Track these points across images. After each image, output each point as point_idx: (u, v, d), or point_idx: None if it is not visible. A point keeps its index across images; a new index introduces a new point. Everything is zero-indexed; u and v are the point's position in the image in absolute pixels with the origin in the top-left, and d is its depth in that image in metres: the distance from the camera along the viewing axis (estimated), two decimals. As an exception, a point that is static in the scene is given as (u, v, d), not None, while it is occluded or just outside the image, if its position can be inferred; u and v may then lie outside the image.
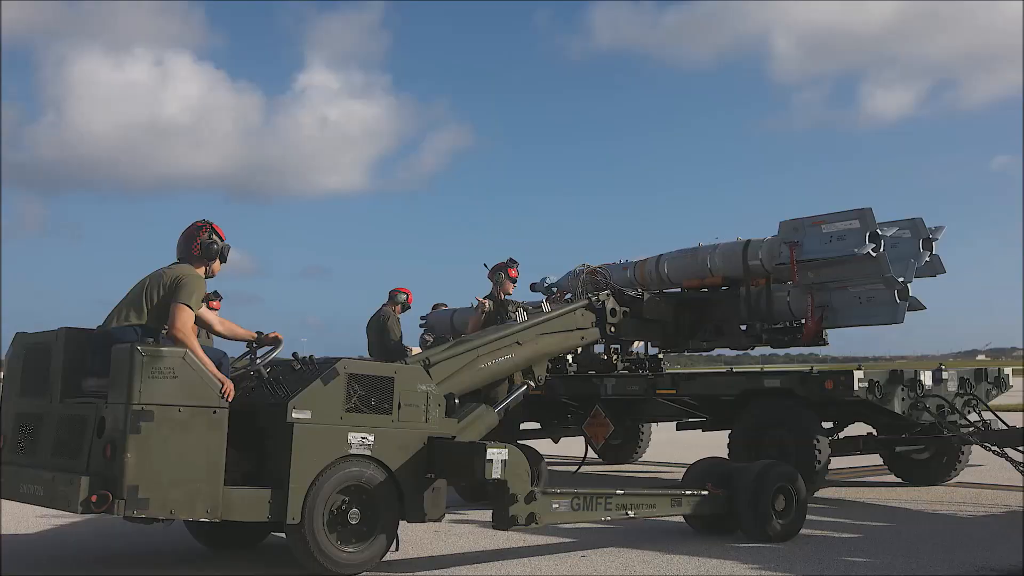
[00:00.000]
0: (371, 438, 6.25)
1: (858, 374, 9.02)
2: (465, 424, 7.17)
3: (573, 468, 12.07)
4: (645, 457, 13.92)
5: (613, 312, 9.13)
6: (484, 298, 9.41)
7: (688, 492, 7.35)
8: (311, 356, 6.41)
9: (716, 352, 11.80)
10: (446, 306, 14.47)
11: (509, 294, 9.55)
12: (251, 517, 5.89)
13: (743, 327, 10.52)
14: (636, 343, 11.60)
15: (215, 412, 5.67)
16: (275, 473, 6.00)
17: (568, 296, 10.79)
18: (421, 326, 14.30)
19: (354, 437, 6.19)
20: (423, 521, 6.54)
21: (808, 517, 7.88)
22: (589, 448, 11.69)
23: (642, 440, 13.82)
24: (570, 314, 8.79)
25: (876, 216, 9.36)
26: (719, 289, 10.68)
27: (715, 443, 10.46)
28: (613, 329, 9.16)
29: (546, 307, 8.74)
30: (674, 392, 10.31)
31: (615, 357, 11.87)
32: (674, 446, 14.93)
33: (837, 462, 9.99)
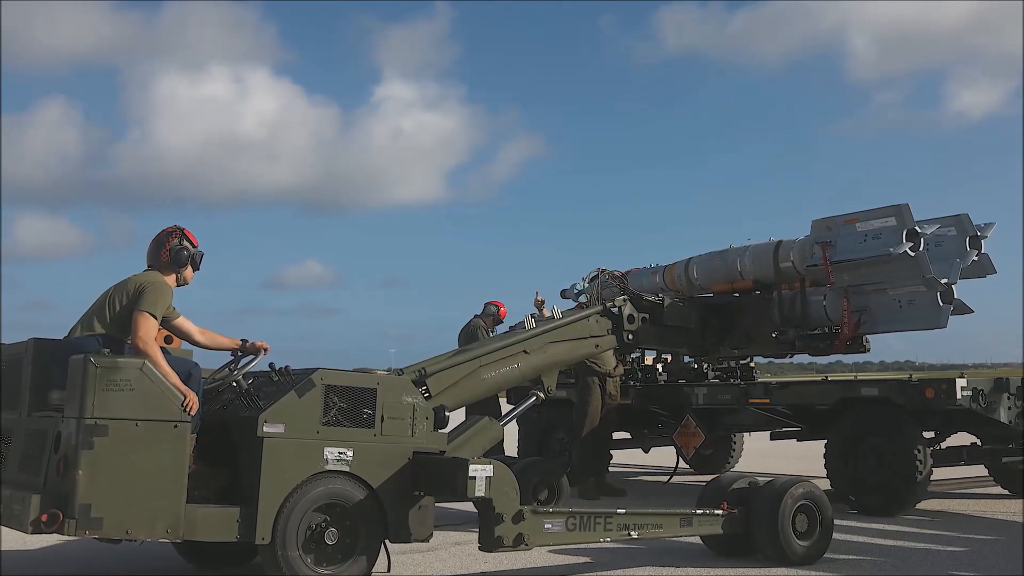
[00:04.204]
0: (350, 453, 5.90)
1: (960, 382, 8.65)
2: (465, 438, 6.80)
3: (664, 478, 11.90)
4: (738, 467, 13.53)
5: (631, 318, 8.63)
6: None
7: (700, 511, 6.84)
8: (287, 367, 6.09)
9: (807, 360, 11.43)
10: None
11: None
12: (218, 537, 5.58)
13: (775, 334, 9.95)
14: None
15: (176, 426, 5.36)
16: (246, 490, 5.69)
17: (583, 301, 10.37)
18: None
19: (331, 452, 5.84)
20: (408, 541, 6.16)
21: (912, 530, 7.70)
22: (680, 458, 11.49)
23: (734, 449, 13.57)
24: (583, 321, 8.33)
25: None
26: (750, 293, 10.12)
27: (810, 453, 10.16)
28: (631, 336, 8.66)
29: (556, 314, 8.29)
30: (767, 401, 10.05)
31: (706, 366, 11.59)
32: (768, 456, 14.56)
33: (940, 473, 9.66)
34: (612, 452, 11.59)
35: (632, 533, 6.44)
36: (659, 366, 12.08)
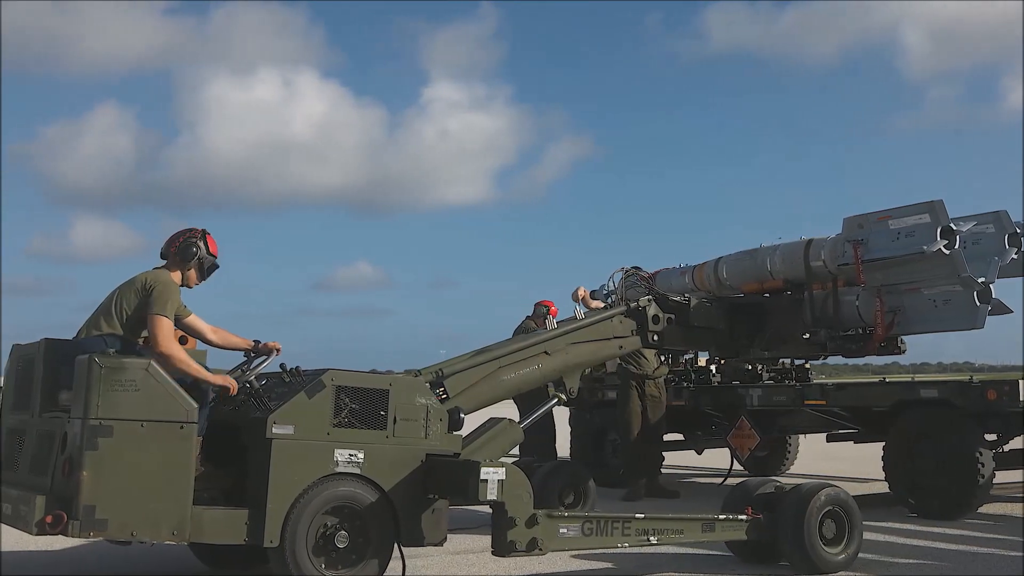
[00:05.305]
0: (361, 455, 5.80)
1: None
2: (483, 441, 6.66)
3: (719, 480, 11.71)
4: (793, 469, 13.32)
5: (656, 319, 8.43)
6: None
7: (722, 516, 6.65)
8: (298, 368, 6.01)
9: (863, 361, 11.21)
10: None
11: None
12: (225, 540, 5.51)
13: (806, 335, 9.71)
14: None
15: (182, 427, 5.30)
16: (255, 492, 5.62)
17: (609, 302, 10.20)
18: None
19: (341, 454, 5.74)
20: (421, 544, 6.04)
21: (973, 534, 7.55)
22: (735, 460, 11.32)
23: (789, 452, 13.34)
24: (606, 322, 8.15)
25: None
26: (781, 294, 9.88)
27: (867, 455, 9.94)
28: (656, 337, 8.47)
29: (579, 315, 8.12)
30: (823, 403, 9.86)
31: (760, 367, 11.41)
32: (824, 458, 14.30)
33: (1002, 476, 9.43)
34: (664, 454, 11.45)
35: (651, 538, 6.27)
36: (713, 367, 11.91)
